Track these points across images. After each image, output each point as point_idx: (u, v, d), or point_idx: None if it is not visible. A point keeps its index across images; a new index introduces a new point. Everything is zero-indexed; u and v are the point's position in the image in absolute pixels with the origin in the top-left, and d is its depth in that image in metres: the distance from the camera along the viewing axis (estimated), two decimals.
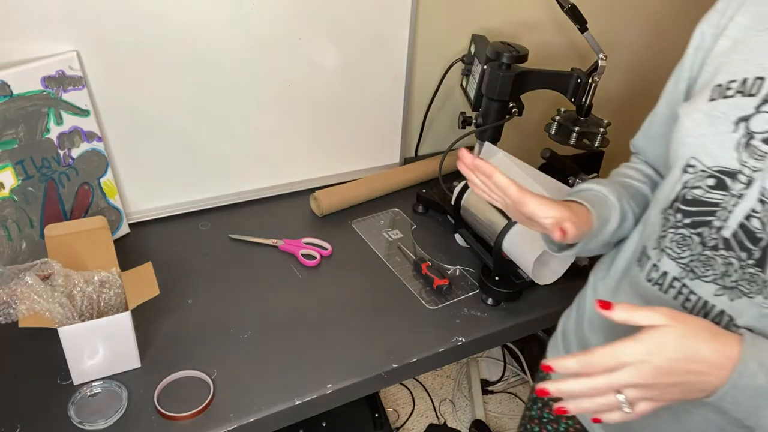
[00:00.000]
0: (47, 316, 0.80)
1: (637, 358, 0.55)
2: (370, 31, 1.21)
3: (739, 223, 0.61)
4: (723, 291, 0.63)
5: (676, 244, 0.66)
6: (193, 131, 1.15)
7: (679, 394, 0.57)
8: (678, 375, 0.55)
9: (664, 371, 0.55)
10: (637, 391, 0.56)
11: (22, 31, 0.94)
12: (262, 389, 0.87)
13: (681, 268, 0.66)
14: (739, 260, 0.61)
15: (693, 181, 0.64)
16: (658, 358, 0.55)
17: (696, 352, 0.55)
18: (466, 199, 1.11)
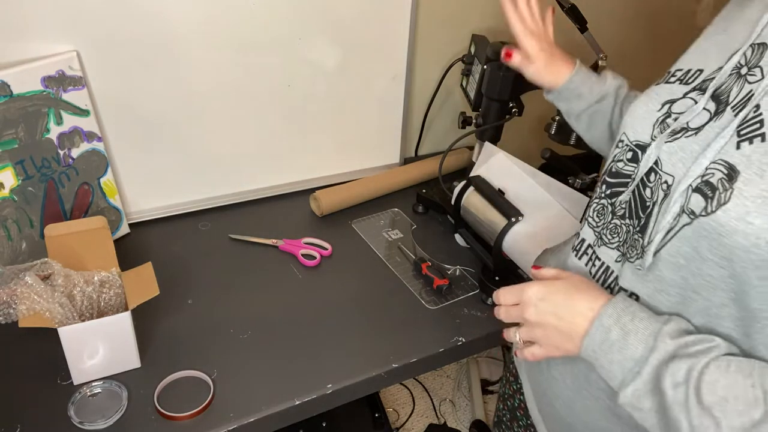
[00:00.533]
0: (47, 316, 0.80)
1: (533, 298, 0.66)
2: (370, 31, 1.21)
3: (634, 191, 0.65)
4: (621, 258, 0.66)
5: (596, 214, 0.71)
6: (193, 131, 1.15)
7: (557, 340, 0.65)
8: (555, 319, 0.64)
9: (547, 313, 0.65)
10: (528, 328, 0.67)
11: (22, 31, 0.94)
12: (262, 389, 0.87)
13: (595, 236, 0.71)
14: (632, 227, 0.65)
15: (619, 154, 0.68)
16: (546, 302, 0.65)
17: (572, 301, 0.63)
18: (466, 199, 1.11)
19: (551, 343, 0.66)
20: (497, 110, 1.18)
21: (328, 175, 1.34)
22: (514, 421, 0.95)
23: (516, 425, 0.95)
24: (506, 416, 0.98)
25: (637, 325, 0.59)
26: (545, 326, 0.65)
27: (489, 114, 1.19)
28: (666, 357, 0.56)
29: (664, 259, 0.60)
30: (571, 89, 0.90)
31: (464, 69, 1.29)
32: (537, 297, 0.66)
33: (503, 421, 0.99)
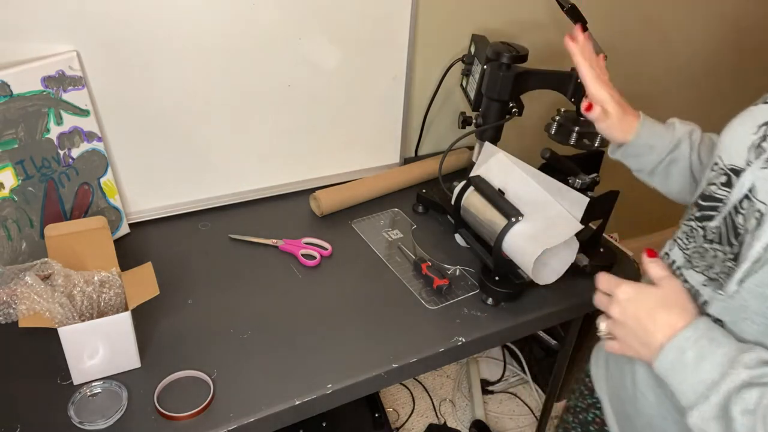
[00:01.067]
0: (47, 316, 0.80)
1: (621, 297, 0.66)
2: (370, 31, 1.21)
3: (726, 217, 0.64)
4: (708, 282, 0.66)
5: (686, 236, 0.71)
6: (193, 131, 1.15)
7: (634, 342, 0.66)
8: (636, 324, 0.65)
9: (630, 316, 0.65)
10: (611, 323, 0.68)
11: (22, 31, 0.94)
12: (262, 389, 0.87)
13: (685, 258, 0.71)
14: (723, 254, 0.64)
15: (712, 178, 0.68)
16: (631, 305, 0.65)
17: (656, 313, 0.64)
18: (466, 199, 1.11)
19: (628, 344, 0.67)
20: (497, 110, 1.18)
21: (328, 175, 1.34)
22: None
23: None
24: (576, 429, 0.98)
25: (715, 350, 0.59)
26: (626, 327, 0.66)
27: (489, 114, 1.19)
28: (738, 385, 0.55)
29: (750, 289, 0.59)
30: (642, 142, 0.85)
31: (464, 69, 1.29)
32: (626, 297, 0.66)
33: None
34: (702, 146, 0.85)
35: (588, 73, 0.88)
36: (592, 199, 0.98)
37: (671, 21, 1.67)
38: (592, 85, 0.87)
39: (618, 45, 1.62)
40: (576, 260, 1.11)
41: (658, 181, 0.89)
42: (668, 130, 0.86)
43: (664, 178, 0.88)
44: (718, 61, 1.89)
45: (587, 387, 0.95)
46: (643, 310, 0.65)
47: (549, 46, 1.51)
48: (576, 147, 1.14)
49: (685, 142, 0.85)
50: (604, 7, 1.54)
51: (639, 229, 2.31)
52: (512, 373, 1.91)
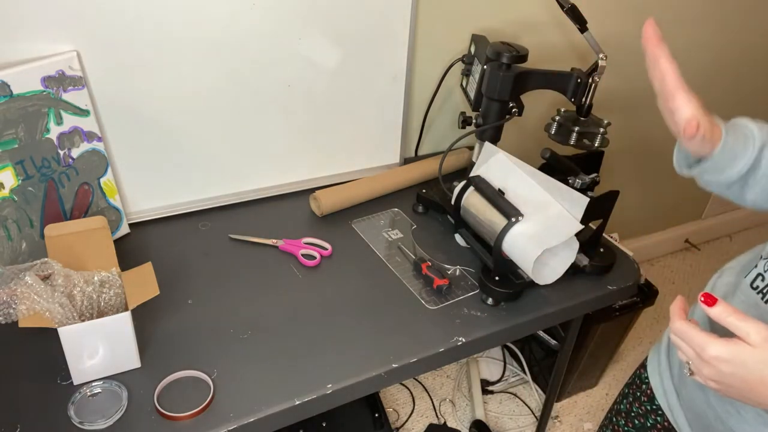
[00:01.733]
0: (47, 316, 0.80)
1: (720, 366, 0.59)
2: (370, 31, 1.21)
3: None
4: None
5: None
6: (193, 131, 1.15)
7: (739, 398, 0.61)
8: (742, 389, 0.59)
9: (733, 383, 0.59)
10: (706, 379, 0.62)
11: (22, 31, 0.94)
12: (262, 389, 0.87)
13: None
14: None
15: None
16: (733, 375, 0.59)
17: (764, 379, 0.58)
18: (466, 199, 1.11)
19: (731, 395, 0.62)
20: (497, 110, 1.18)
21: (328, 175, 1.34)
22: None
23: None
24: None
25: None
26: (728, 387, 0.61)
27: (489, 114, 1.19)
28: None
29: None
30: (727, 151, 0.72)
31: (464, 69, 1.29)
32: (724, 365, 0.59)
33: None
34: None
35: (678, 82, 0.71)
36: (592, 199, 0.98)
37: (671, 20, 1.67)
38: (684, 96, 0.70)
39: (617, 45, 1.62)
40: (576, 260, 1.11)
41: (735, 191, 0.76)
42: (746, 133, 0.73)
43: (740, 188, 0.76)
44: (718, 60, 1.89)
45: (645, 393, 0.92)
46: (752, 380, 0.58)
47: (549, 46, 1.51)
48: (576, 147, 1.14)
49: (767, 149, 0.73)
50: (604, 7, 1.54)
51: (639, 229, 2.32)
52: (512, 373, 1.91)
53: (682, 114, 0.69)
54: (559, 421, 1.82)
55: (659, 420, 0.90)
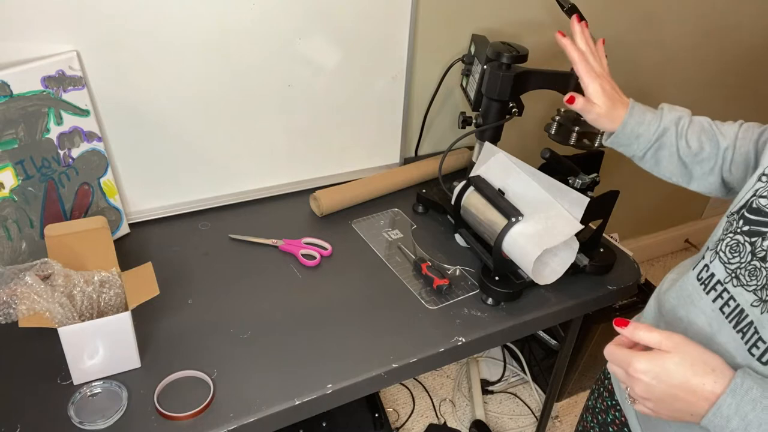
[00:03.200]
0: (47, 316, 0.80)
1: (644, 378, 0.62)
2: (370, 31, 1.21)
3: None
4: (759, 302, 0.64)
5: (729, 249, 0.68)
6: (193, 131, 1.15)
7: (672, 413, 0.63)
8: (672, 399, 0.62)
9: (662, 394, 0.62)
10: (639, 398, 0.65)
11: (22, 31, 0.94)
12: (262, 389, 0.87)
13: (727, 273, 0.68)
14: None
15: (762, 190, 0.66)
16: (659, 382, 0.62)
17: (688, 382, 0.61)
18: (466, 199, 1.11)
19: (665, 413, 0.64)
20: (497, 110, 1.18)
21: (328, 175, 1.34)
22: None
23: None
24: (595, 429, 0.98)
25: (759, 415, 0.58)
26: (658, 401, 0.63)
27: (489, 114, 1.19)
28: None
29: None
30: (628, 132, 0.87)
31: (464, 69, 1.29)
32: (647, 376, 0.62)
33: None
34: (690, 132, 0.86)
35: (581, 66, 0.90)
36: (592, 199, 0.98)
37: (671, 20, 1.67)
38: (585, 76, 0.89)
39: (617, 45, 1.62)
40: (576, 260, 1.11)
41: (649, 166, 0.91)
42: (655, 118, 0.87)
43: (654, 164, 0.90)
44: (718, 60, 1.89)
45: (607, 389, 0.95)
46: (676, 385, 0.61)
47: (549, 46, 1.51)
48: (576, 147, 1.14)
49: (671, 130, 0.86)
50: (604, 7, 1.54)
51: (639, 229, 2.32)
52: (512, 373, 1.91)
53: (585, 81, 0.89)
54: (559, 421, 1.82)
55: (617, 415, 0.92)
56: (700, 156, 0.86)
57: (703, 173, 0.87)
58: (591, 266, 1.12)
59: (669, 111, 0.88)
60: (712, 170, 0.86)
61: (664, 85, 1.83)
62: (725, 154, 0.84)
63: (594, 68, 0.90)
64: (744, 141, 0.83)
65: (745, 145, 0.82)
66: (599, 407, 0.97)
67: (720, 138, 0.85)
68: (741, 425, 0.59)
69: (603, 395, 0.96)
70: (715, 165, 0.85)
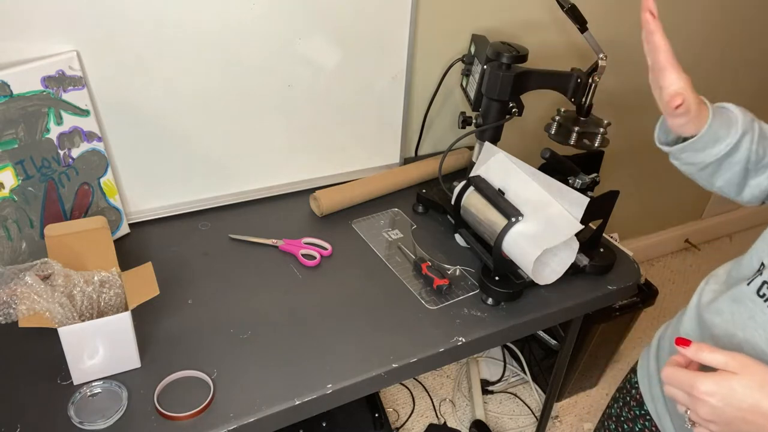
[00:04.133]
0: (47, 316, 0.80)
1: (711, 400, 0.60)
2: (370, 31, 1.21)
3: None
4: None
5: None
6: (193, 131, 1.15)
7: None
8: (741, 422, 0.59)
9: (731, 417, 0.59)
10: (702, 421, 0.62)
11: (22, 31, 0.94)
12: (262, 389, 0.87)
13: None
14: None
15: None
16: (726, 405, 0.59)
17: (758, 404, 0.58)
18: (466, 199, 1.11)
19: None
20: (497, 110, 1.18)
21: (328, 175, 1.34)
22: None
23: None
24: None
25: None
26: (725, 425, 0.61)
27: (489, 114, 1.19)
28: None
29: None
30: (712, 134, 0.74)
31: (464, 69, 1.29)
32: (714, 399, 0.60)
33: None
34: (761, 138, 0.76)
35: (670, 56, 0.75)
36: (592, 199, 0.98)
37: (671, 20, 1.67)
38: (674, 72, 0.73)
39: (617, 45, 1.62)
40: (576, 260, 1.11)
41: (707, 175, 0.79)
42: (731, 120, 0.75)
43: (712, 172, 0.78)
44: (719, 59, 1.89)
45: (634, 398, 0.92)
46: (745, 408, 0.59)
47: (549, 46, 1.51)
48: (576, 147, 1.14)
49: (749, 134, 0.74)
50: (604, 7, 1.54)
51: (639, 229, 2.32)
52: (512, 373, 1.91)
53: (669, 89, 0.72)
54: (559, 421, 1.82)
55: (647, 425, 0.90)
56: (762, 162, 0.76)
57: (758, 182, 0.78)
58: (591, 266, 1.12)
59: (740, 111, 0.75)
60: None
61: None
62: None
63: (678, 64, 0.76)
64: None
65: None
66: (625, 416, 0.94)
67: None
68: None
69: (630, 404, 0.93)
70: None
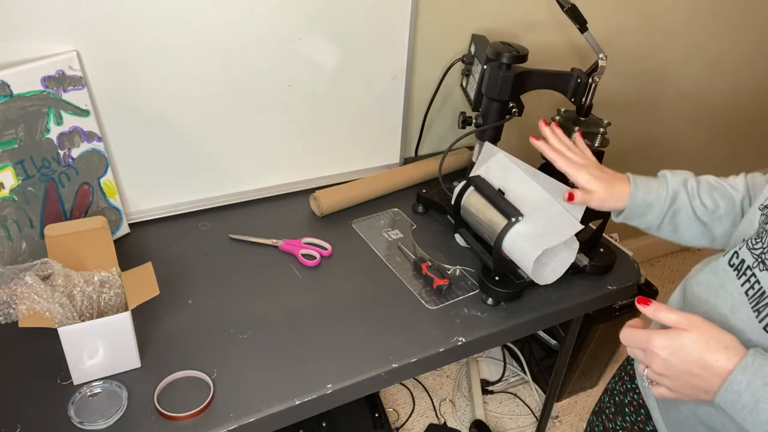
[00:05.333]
0: (47, 316, 0.80)
1: (661, 354, 0.66)
2: (370, 31, 1.21)
3: None
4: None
5: (756, 236, 0.73)
6: (193, 131, 1.15)
7: (689, 390, 0.66)
8: (687, 375, 0.65)
9: (678, 369, 0.65)
10: (656, 375, 0.68)
11: (22, 31, 0.94)
12: (262, 389, 0.87)
13: (754, 258, 0.71)
14: None
15: None
16: (676, 358, 0.65)
17: (702, 358, 0.64)
18: (466, 199, 1.11)
19: (681, 392, 0.67)
20: (497, 110, 1.18)
21: (328, 175, 1.34)
22: (619, 415, 0.98)
23: (620, 419, 0.97)
24: (611, 409, 1.00)
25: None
26: (675, 379, 0.66)
27: (489, 114, 1.19)
28: None
29: None
30: (639, 203, 0.87)
31: (464, 69, 1.29)
32: (665, 352, 0.66)
33: (605, 412, 1.02)
34: (701, 191, 0.87)
35: (561, 161, 0.91)
36: None
37: (671, 20, 1.67)
38: (568, 169, 0.91)
39: (617, 45, 1.62)
40: (576, 260, 1.11)
41: (667, 233, 0.90)
42: (661, 184, 0.88)
43: (672, 230, 0.89)
44: (719, 59, 1.89)
45: (628, 374, 0.97)
46: (691, 361, 0.64)
47: (549, 46, 1.51)
48: None
49: (682, 192, 0.87)
50: (604, 6, 1.54)
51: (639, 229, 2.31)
52: (512, 373, 1.91)
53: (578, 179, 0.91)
54: (559, 421, 1.82)
55: (635, 398, 0.94)
56: (717, 213, 0.86)
57: (725, 230, 0.87)
58: (591, 266, 1.12)
59: (672, 175, 0.88)
60: (733, 224, 0.86)
61: (669, 88, 1.83)
62: (743, 205, 0.85)
63: (575, 160, 0.92)
64: (756, 187, 0.84)
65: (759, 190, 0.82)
66: (618, 389, 0.99)
67: (732, 192, 0.86)
68: (751, 401, 0.61)
69: (624, 379, 0.98)
70: (735, 218, 0.86)
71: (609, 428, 1.00)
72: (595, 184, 0.89)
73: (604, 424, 1.01)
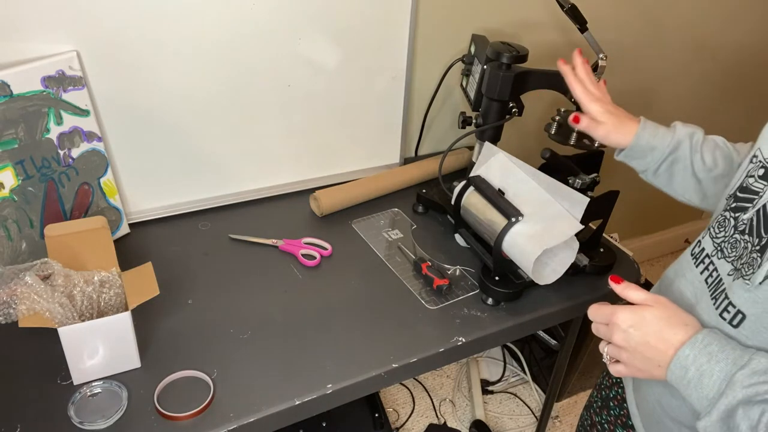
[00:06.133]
0: (47, 316, 0.80)
1: (622, 325, 0.68)
2: (370, 31, 1.21)
3: (759, 209, 0.66)
4: (733, 272, 0.68)
5: (718, 225, 0.73)
6: (193, 131, 1.15)
7: (643, 364, 0.68)
8: (644, 347, 0.67)
9: (636, 341, 0.67)
10: (615, 349, 0.70)
11: (22, 31, 0.94)
12: (262, 389, 0.87)
13: (714, 247, 0.72)
14: (751, 245, 0.66)
15: (752, 170, 0.70)
16: (636, 330, 0.67)
17: (661, 331, 0.66)
18: (466, 199, 1.11)
19: (636, 366, 0.69)
20: (497, 110, 1.18)
21: (328, 175, 1.34)
22: (605, 409, 0.99)
23: (605, 413, 0.99)
24: (597, 403, 1.02)
25: (713, 367, 0.62)
26: (632, 352, 0.68)
27: (489, 114, 1.19)
28: (734, 403, 0.59)
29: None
30: (643, 144, 0.89)
31: (464, 69, 1.29)
32: (627, 324, 0.68)
33: (593, 406, 1.04)
34: (705, 147, 0.87)
35: (578, 89, 0.94)
36: (592, 199, 0.98)
37: (672, 20, 1.67)
38: (583, 98, 0.93)
39: (617, 44, 1.62)
40: (576, 260, 1.10)
41: (662, 181, 0.91)
42: (669, 131, 0.89)
43: (667, 179, 0.90)
44: (719, 58, 1.89)
45: None
46: (651, 333, 0.66)
47: (549, 46, 1.51)
48: (576, 147, 1.14)
49: (686, 143, 0.87)
50: (604, 6, 1.54)
51: (639, 229, 2.32)
52: (512, 373, 1.92)
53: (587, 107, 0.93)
54: (559, 421, 1.82)
55: (619, 392, 0.96)
56: (713, 172, 0.86)
57: (717, 192, 0.87)
58: (591, 266, 1.12)
59: (683, 126, 0.89)
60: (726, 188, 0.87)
61: (669, 88, 1.83)
62: None
63: (593, 92, 0.94)
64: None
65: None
66: (605, 383, 1.01)
67: (734, 155, 0.87)
68: (696, 375, 0.62)
69: (609, 373, 0.99)
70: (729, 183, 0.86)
71: (596, 422, 1.01)
72: (606, 116, 0.90)
73: (592, 417, 1.03)
